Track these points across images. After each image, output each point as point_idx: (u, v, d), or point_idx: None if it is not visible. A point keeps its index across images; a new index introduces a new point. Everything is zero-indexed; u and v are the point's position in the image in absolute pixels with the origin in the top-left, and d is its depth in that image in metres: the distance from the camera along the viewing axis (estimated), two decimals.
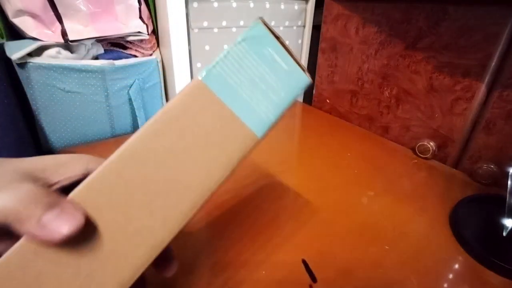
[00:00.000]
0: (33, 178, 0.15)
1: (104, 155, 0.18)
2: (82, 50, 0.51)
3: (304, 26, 0.74)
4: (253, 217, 0.37)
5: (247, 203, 0.39)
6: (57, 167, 0.17)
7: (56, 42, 0.47)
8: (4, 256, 0.14)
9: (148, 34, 0.55)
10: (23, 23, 0.45)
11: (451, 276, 0.31)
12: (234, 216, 0.37)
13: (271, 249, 0.32)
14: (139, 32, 0.54)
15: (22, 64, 0.45)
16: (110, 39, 0.53)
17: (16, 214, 0.13)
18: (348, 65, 0.65)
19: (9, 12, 0.44)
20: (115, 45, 0.55)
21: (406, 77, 0.54)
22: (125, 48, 0.56)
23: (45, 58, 0.47)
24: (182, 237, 0.33)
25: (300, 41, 0.76)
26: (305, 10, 0.72)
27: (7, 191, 0.13)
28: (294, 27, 0.73)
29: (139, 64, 0.55)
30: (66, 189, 0.16)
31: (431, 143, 0.51)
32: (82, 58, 0.51)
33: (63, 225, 0.13)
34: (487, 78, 0.44)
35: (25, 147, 0.46)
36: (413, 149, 0.54)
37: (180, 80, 0.58)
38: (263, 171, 0.47)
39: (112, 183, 0.17)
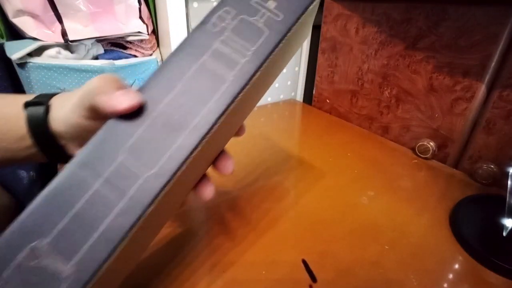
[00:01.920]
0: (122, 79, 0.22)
1: None
2: (82, 50, 0.51)
3: None
4: (253, 217, 0.37)
5: (247, 203, 0.39)
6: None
7: (56, 42, 0.47)
8: None
9: (148, 34, 0.55)
10: (23, 23, 0.45)
11: (451, 276, 0.31)
12: (234, 216, 0.37)
13: (271, 249, 0.32)
14: (139, 32, 0.54)
15: (22, 64, 0.45)
16: (110, 39, 0.53)
17: (100, 88, 0.19)
18: (348, 65, 0.65)
19: (9, 12, 0.44)
20: (115, 45, 0.55)
21: (406, 77, 0.54)
22: (125, 48, 0.56)
23: (45, 58, 0.47)
24: (182, 237, 0.33)
25: None
26: None
27: (97, 77, 0.20)
28: None
29: (139, 64, 0.55)
30: None
31: (431, 143, 0.51)
32: (82, 58, 0.51)
33: (126, 100, 0.18)
34: (487, 78, 0.44)
35: None
36: (413, 149, 0.54)
37: None
38: (263, 171, 0.47)
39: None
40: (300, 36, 0.27)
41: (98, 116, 0.20)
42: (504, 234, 0.34)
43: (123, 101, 0.18)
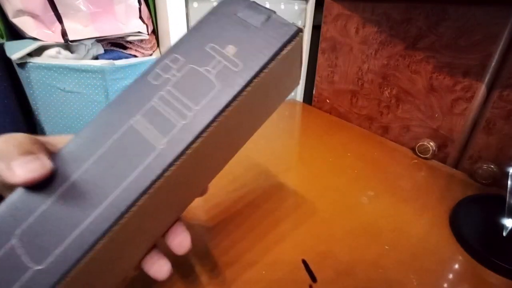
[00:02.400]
0: (36, 141, 0.17)
1: None
2: (82, 50, 0.51)
3: (304, 26, 0.74)
4: (253, 217, 0.37)
5: (246, 203, 0.39)
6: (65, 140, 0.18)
7: (56, 42, 0.47)
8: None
9: (148, 34, 0.55)
10: (23, 23, 0.45)
11: (451, 276, 0.31)
12: (234, 216, 0.37)
13: (271, 249, 0.32)
14: (139, 32, 0.54)
15: (22, 64, 0.45)
16: (110, 39, 0.53)
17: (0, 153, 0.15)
18: (348, 65, 0.65)
19: (9, 12, 0.44)
20: (115, 45, 0.55)
21: (406, 77, 0.54)
22: (125, 48, 0.56)
23: (45, 58, 0.47)
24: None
25: None
26: (305, 10, 0.72)
27: (4, 136, 0.16)
28: None
29: (139, 64, 0.55)
30: None
31: (431, 143, 0.51)
32: (82, 58, 0.51)
33: (25, 170, 0.15)
34: (487, 78, 0.44)
35: None
36: (413, 149, 0.54)
37: None
38: (263, 171, 0.47)
39: None
40: (282, 83, 0.23)
41: (4, 186, 0.16)
42: (504, 234, 0.34)
43: (22, 171, 0.15)
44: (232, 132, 0.21)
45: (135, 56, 0.56)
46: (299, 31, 0.18)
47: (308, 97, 0.83)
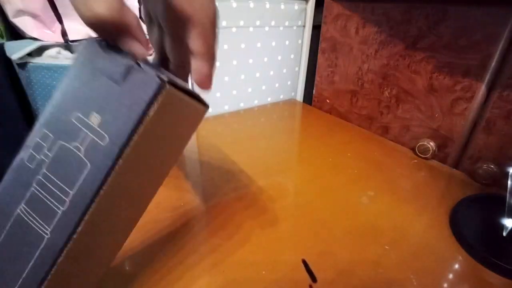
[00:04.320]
0: None
1: None
2: None
3: (304, 26, 0.74)
4: (253, 217, 0.37)
5: (246, 203, 0.39)
6: None
7: (56, 42, 0.47)
8: None
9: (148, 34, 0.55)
10: (23, 23, 0.45)
11: (451, 276, 0.31)
12: (234, 216, 0.37)
13: (271, 249, 0.32)
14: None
15: (22, 64, 0.45)
16: None
17: None
18: (348, 65, 0.65)
19: (9, 12, 0.44)
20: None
21: (406, 77, 0.54)
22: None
23: (45, 58, 0.47)
24: (181, 237, 0.33)
25: (300, 41, 0.76)
26: (305, 10, 0.72)
27: None
28: (294, 27, 0.73)
29: None
30: None
31: (431, 143, 0.51)
32: None
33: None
34: (487, 78, 0.44)
35: None
36: (413, 149, 0.54)
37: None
38: (262, 171, 0.47)
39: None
40: (168, 140, 0.20)
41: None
42: (504, 234, 0.34)
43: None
44: (121, 201, 0.19)
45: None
46: (163, 86, 0.16)
47: (308, 97, 0.83)
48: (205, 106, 0.20)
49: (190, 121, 0.21)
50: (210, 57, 0.20)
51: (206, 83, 0.20)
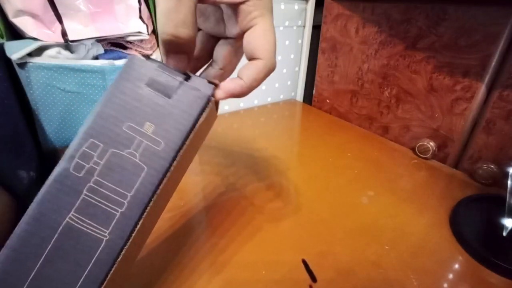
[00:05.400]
0: None
1: None
2: (82, 50, 0.51)
3: (304, 26, 0.74)
4: (252, 217, 0.37)
5: (246, 203, 0.39)
6: None
7: (56, 42, 0.47)
8: None
9: (148, 34, 0.55)
10: (23, 23, 0.45)
11: (451, 276, 0.31)
12: (234, 215, 0.37)
13: (271, 249, 0.32)
14: (139, 32, 0.53)
15: (22, 64, 0.45)
16: (110, 39, 0.53)
17: None
18: (348, 65, 0.65)
19: (9, 12, 0.44)
20: (115, 45, 0.55)
21: (406, 77, 0.54)
22: (125, 48, 0.56)
23: (45, 58, 0.47)
24: (182, 237, 0.33)
25: (300, 41, 0.76)
26: (305, 10, 0.72)
27: None
28: (294, 27, 0.73)
29: None
30: None
31: (431, 143, 0.51)
32: (82, 58, 0.51)
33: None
34: (487, 78, 0.44)
35: (25, 147, 0.46)
36: (413, 149, 0.54)
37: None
38: (262, 170, 0.47)
39: None
40: (203, 136, 0.23)
41: None
42: (504, 234, 0.34)
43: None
44: (165, 195, 0.21)
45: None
46: (210, 99, 0.19)
47: (308, 97, 0.83)
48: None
49: (211, 121, 0.23)
50: (249, 89, 0.21)
51: (224, 97, 0.21)
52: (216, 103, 0.22)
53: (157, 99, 0.18)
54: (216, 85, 0.20)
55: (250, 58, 0.21)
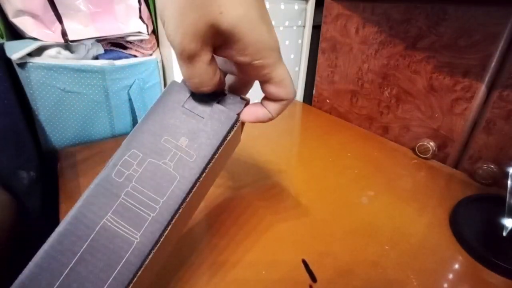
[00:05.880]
0: None
1: (104, 155, 0.19)
2: (82, 50, 0.51)
3: (304, 26, 0.74)
4: (252, 217, 0.37)
5: (246, 203, 0.39)
6: None
7: (56, 42, 0.47)
8: None
9: (148, 34, 0.55)
10: (23, 23, 0.45)
11: (451, 276, 0.31)
12: (234, 216, 0.37)
13: (271, 249, 0.32)
14: (139, 32, 0.53)
15: (22, 64, 0.45)
16: (110, 39, 0.53)
17: None
18: (348, 65, 0.65)
19: (9, 12, 0.44)
20: (115, 45, 0.55)
21: (406, 77, 0.54)
22: (125, 48, 0.56)
23: (45, 58, 0.47)
24: (182, 237, 0.33)
25: (300, 41, 0.76)
26: (305, 10, 0.72)
27: None
28: (294, 27, 0.73)
29: (139, 64, 0.55)
30: None
31: (431, 143, 0.51)
32: (82, 58, 0.51)
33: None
34: (487, 78, 0.44)
35: (25, 147, 0.46)
36: (413, 149, 0.54)
37: (180, 79, 0.58)
38: (263, 171, 0.47)
39: None
40: (230, 152, 0.26)
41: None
42: (504, 234, 0.34)
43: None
44: (193, 204, 0.23)
45: (135, 56, 0.56)
46: (237, 120, 0.22)
47: (308, 97, 0.83)
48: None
49: (237, 140, 0.26)
50: (272, 119, 0.24)
51: (252, 121, 0.23)
52: (242, 124, 0.24)
53: (192, 118, 0.21)
54: (247, 101, 0.23)
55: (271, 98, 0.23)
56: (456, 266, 0.32)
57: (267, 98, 0.23)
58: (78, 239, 0.18)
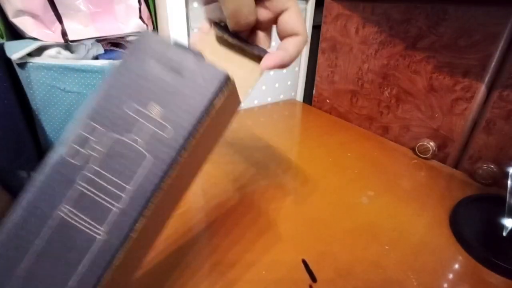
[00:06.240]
0: None
1: None
2: (82, 50, 0.51)
3: None
4: (253, 217, 0.37)
5: (247, 203, 0.39)
6: None
7: (56, 42, 0.47)
8: None
9: None
10: (23, 23, 0.45)
11: (451, 276, 0.31)
12: (234, 216, 0.37)
13: (271, 249, 0.32)
14: (139, 32, 0.53)
15: (22, 64, 0.45)
16: (110, 39, 0.53)
17: None
18: (348, 65, 0.65)
19: (9, 12, 0.44)
20: (115, 45, 0.55)
21: (406, 77, 0.54)
22: (125, 48, 0.56)
23: (45, 58, 0.47)
24: (182, 237, 0.33)
25: None
26: (305, 10, 0.72)
27: None
28: None
29: None
30: None
31: (431, 143, 0.51)
32: (82, 58, 0.51)
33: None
34: (487, 78, 0.44)
35: (25, 147, 0.46)
36: (413, 149, 0.54)
37: None
38: (263, 171, 0.47)
39: None
40: (223, 123, 0.21)
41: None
42: (504, 234, 0.34)
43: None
44: (174, 192, 0.19)
45: None
46: (228, 77, 0.16)
47: (308, 97, 0.83)
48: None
49: (232, 108, 0.21)
50: (292, 60, 0.24)
51: (272, 67, 0.24)
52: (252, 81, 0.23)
53: (166, 76, 0.16)
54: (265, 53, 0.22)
55: (287, 36, 0.24)
56: (456, 266, 0.32)
57: (285, 43, 0.24)
58: (30, 234, 0.15)
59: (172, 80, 0.16)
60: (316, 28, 0.73)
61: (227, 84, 0.16)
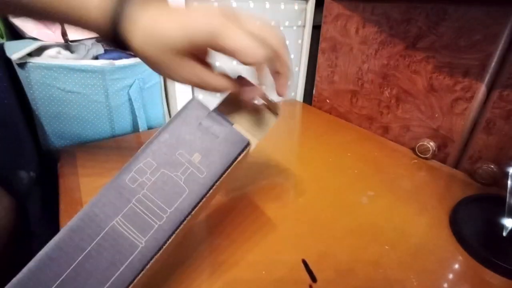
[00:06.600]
0: None
1: (104, 155, 0.19)
2: (82, 50, 0.51)
3: (304, 26, 0.74)
4: (253, 217, 0.37)
5: (247, 203, 0.39)
6: None
7: (56, 42, 0.47)
8: None
9: None
10: (23, 23, 0.45)
11: (451, 276, 0.31)
12: (234, 216, 0.37)
13: (271, 249, 0.32)
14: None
15: (22, 64, 0.45)
16: None
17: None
18: (348, 65, 0.65)
19: None
20: None
21: (406, 77, 0.54)
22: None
23: (45, 58, 0.47)
24: (182, 237, 0.33)
25: (300, 41, 0.76)
26: (305, 10, 0.72)
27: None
28: (294, 27, 0.73)
29: (139, 64, 0.55)
30: None
31: (431, 143, 0.51)
32: (82, 58, 0.51)
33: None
34: (487, 78, 0.44)
35: (25, 147, 0.46)
36: (413, 149, 0.54)
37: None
38: (263, 171, 0.47)
39: None
40: (230, 177, 0.27)
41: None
42: (504, 234, 0.34)
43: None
44: (196, 216, 0.24)
45: (135, 56, 0.56)
46: (248, 144, 0.23)
47: (308, 97, 0.83)
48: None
49: (243, 162, 0.27)
50: (289, 75, 0.26)
51: (285, 93, 0.27)
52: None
53: (207, 136, 0.23)
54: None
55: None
56: (456, 266, 0.32)
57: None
58: (87, 236, 0.19)
59: (211, 140, 0.23)
60: (316, 28, 0.73)
61: (246, 147, 0.23)
